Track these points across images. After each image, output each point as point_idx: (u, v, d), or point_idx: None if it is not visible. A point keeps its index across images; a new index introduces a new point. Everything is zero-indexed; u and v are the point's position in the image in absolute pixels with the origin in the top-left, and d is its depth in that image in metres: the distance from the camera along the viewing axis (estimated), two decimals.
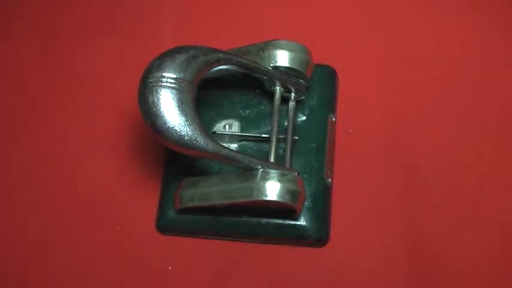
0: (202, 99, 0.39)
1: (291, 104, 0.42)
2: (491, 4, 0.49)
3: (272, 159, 0.39)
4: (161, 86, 0.36)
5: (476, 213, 0.42)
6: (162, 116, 0.36)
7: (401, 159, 0.44)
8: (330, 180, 0.42)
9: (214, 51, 0.38)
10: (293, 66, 0.40)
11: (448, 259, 0.41)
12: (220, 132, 0.43)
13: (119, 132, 0.47)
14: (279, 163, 0.39)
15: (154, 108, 0.36)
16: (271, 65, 0.40)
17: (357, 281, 0.41)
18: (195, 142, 0.36)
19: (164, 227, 0.42)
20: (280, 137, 0.41)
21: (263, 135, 0.42)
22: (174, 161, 0.43)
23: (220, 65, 0.38)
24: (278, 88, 0.41)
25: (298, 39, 0.40)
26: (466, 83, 0.46)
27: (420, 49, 0.48)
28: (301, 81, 0.41)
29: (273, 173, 0.37)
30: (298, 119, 0.43)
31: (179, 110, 0.36)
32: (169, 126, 0.35)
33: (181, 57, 0.37)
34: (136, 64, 0.46)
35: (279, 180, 0.37)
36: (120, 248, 0.43)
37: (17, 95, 0.48)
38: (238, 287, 0.42)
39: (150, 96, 0.36)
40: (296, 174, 0.38)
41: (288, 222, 0.41)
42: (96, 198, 0.44)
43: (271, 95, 0.41)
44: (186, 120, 0.36)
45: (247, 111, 0.44)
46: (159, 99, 0.36)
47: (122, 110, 0.47)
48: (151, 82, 0.36)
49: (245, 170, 0.38)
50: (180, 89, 0.36)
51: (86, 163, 0.45)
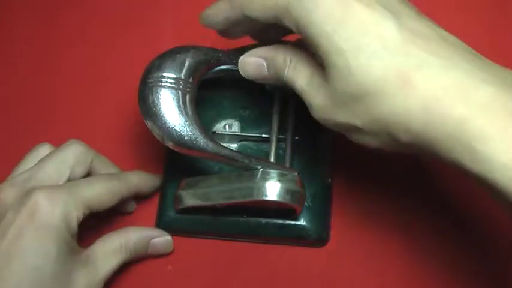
0: (202, 99, 0.39)
1: (292, 104, 0.42)
2: (491, 4, 0.49)
3: (272, 159, 0.39)
4: (161, 86, 0.36)
5: (476, 214, 0.42)
6: (162, 116, 0.36)
7: (402, 158, 0.44)
8: (330, 180, 0.42)
9: (214, 51, 0.38)
10: None
11: (449, 258, 0.41)
12: (220, 132, 0.43)
13: (119, 132, 0.47)
14: (279, 163, 0.39)
15: (154, 108, 0.36)
16: None
17: (357, 280, 0.41)
18: (195, 142, 0.36)
19: (164, 227, 0.42)
20: (281, 137, 0.41)
21: (263, 135, 0.42)
22: (174, 161, 0.44)
23: (220, 65, 0.38)
24: (278, 88, 0.41)
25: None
26: None
27: None
28: None
29: (273, 173, 0.37)
30: (299, 119, 0.43)
31: (179, 110, 0.36)
32: (169, 126, 0.36)
33: (182, 57, 0.37)
34: (136, 64, 0.46)
35: (279, 180, 0.37)
36: None
37: (17, 95, 0.48)
38: (238, 287, 0.42)
39: (150, 96, 0.36)
40: (296, 174, 0.38)
41: (288, 222, 0.40)
42: None
43: (271, 95, 0.41)
44: (186, 120, 0.36)
45: (248, 111, 0.44)
46: (159, 99, 0.36)
47: (122, 110, 0.47)
48: (151, 82, 0.36)
49: (245, 170, 0.38)
50: (180, 89, 0.36)
51: None
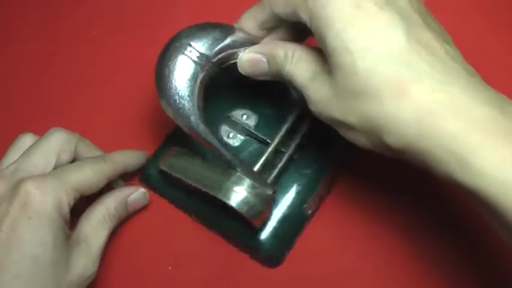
0: (240, 79, 0.38)
1: (307, 121, 0.40)
2: (491, 4, 0.49)
3: (256, 168, 0.38)
4: (184, 54, 0.36)
5: (476, 217, 0.40)
6: (170, 79, 0.36)
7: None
8: (310, 212, 0.41)
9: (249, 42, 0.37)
10: None
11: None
12: (234, 118, 0.42)
13: (122, 130, 0.46)
14: (261, 175, 0.38)
15: (167, 69, 0.36)
16: None
17: None
18: (186, 118, 0.36)
19: (145, 180, 0.43)
20: (282, 150, 0.40)
21: (267, 140, 0.41)
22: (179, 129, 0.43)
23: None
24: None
25: None
26: None
27: None
28: None
29: (246, 181, 0.36)
30: (306, 140, 0.41)
31: (189, 83, 0.36)
32: (171, 92, 0.36)
33: (214, 34, 0.36)
34: (135, 64, 0.47)
35: (247, 191, 0.36)
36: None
37: (17, 94, 0.48)
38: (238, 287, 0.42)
39: (170, 58, 0.36)
40: (270, 192, 0.37)
41: (247, 229, 0.40)
42: None
43: (294, 103, 0.40)
44: (189, 95, 0.36)
45: (272, 111, 0.43)
46: (175, 64, 0.36)
47: (123, 109, 0.47)
48: (176, 47, 0.36)
49: (228, 166, 0.37)
50: (200, 64, 0.36)
51: None
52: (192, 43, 0.36)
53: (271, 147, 0.39)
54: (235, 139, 0.42)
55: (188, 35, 0.36)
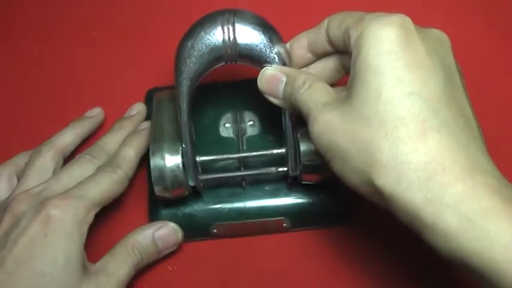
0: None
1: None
2: (490, 4, 0.49)
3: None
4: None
5: None
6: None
7: None
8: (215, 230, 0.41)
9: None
10: None
11: None
12: (239, 117, 0.43)
13: None
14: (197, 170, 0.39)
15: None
16: None
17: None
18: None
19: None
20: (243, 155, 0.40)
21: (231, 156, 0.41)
22: None
23: None
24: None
25: None
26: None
27: None
28: None
29: (178, 158, 0.37)
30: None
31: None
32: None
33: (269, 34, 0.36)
34: (135, 64, 0.47)
35: (171, 165, 0.37)
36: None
37: (17, 95, 0.48)
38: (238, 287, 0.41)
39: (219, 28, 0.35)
40: (188, 184, 0.38)
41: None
42: None
43: None
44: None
45: (273, 137, 0.42)
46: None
47: (123, 109, 0.46)
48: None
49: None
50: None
51: None
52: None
53: (230, 174, 0.40)
54: (226, 132, 0.42)
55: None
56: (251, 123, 0.43)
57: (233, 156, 0.40)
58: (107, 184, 0.38)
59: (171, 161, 0.37)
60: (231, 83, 0.44)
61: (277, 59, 0.36)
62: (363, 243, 0.41)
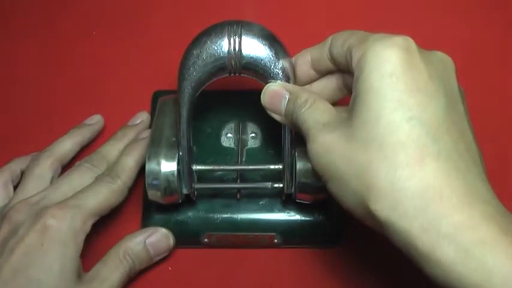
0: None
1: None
2: (490, 4, 0.49)
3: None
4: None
5: None
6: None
7: None
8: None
9: None
10: None
11: None
12: (241, 128, 0.42)
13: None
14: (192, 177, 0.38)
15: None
16: None
17: None
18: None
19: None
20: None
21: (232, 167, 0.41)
22: None
23: None
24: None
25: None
26: (466, 84, 0.44)
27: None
28: None
29: (174, 165, 0.37)
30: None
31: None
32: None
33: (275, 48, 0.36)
34: (135, 64, 0.47)
35: (166, 170, 0.37)
36: None
37: (17, 95, 0.48)
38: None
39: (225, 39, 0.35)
40: (183, 192, 0.38)
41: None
42: None
43: None
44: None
45: (273, 151, 0.42)
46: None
47: (123, 110, 0.46)
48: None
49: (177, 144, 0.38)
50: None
51: None
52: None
53: (226, 186, 0.40)
54: (227, 142, 0.42)
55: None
56: (253, 135, 0.43)
57: (229, 168, 0.40)
58: (105, 194, 0.38)
59: (167, 167, 0.37)
60: (237, 92, 0.44)
61: (281, 74, 0.35)
62: (354, 265, 0.40)
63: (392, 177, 0.27)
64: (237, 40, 0.34)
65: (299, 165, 0.37)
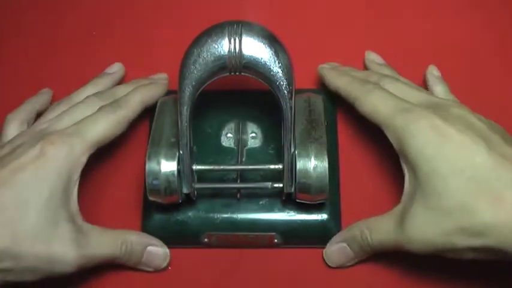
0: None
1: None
2: (489, 4, 0.49)
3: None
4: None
5: None
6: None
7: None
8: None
9: None
10: None
11: None
12: (241, 128, 0.42)
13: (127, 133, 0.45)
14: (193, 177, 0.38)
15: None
16: None
17: None
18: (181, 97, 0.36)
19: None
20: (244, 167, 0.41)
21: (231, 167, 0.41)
22: None
23: None
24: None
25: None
26: (466, 83, 0.45)
27: (420, 49, 0.47)
28: None
29: (174, 164, 0.37)
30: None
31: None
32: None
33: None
34: (135, 65, 0.47)
35: (166, 170, 0.37)
36: None
37: (17, 95, 0.46)
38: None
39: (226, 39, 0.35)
40: (184, 191, 0.38)
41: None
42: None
43: None
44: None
45: (274, 151, 0.42)
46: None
47: None
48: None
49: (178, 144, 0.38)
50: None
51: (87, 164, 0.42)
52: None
53: (226, 185, 0.40)
54: (227, 141, 0.42)
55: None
56: (253, 135, 0.43)
57: (229, 168, 0.40)
58: (104, 124, 0.38)
59: (167, 166, 0.37)
60: (238, 92, 0.44)
61: (281, 73, 0.35)
62: (353, 265, 0.40)
63: (488, 219, 0.32)
64: (237, 40, 0.35)
65: (299, 165, 0.37)
